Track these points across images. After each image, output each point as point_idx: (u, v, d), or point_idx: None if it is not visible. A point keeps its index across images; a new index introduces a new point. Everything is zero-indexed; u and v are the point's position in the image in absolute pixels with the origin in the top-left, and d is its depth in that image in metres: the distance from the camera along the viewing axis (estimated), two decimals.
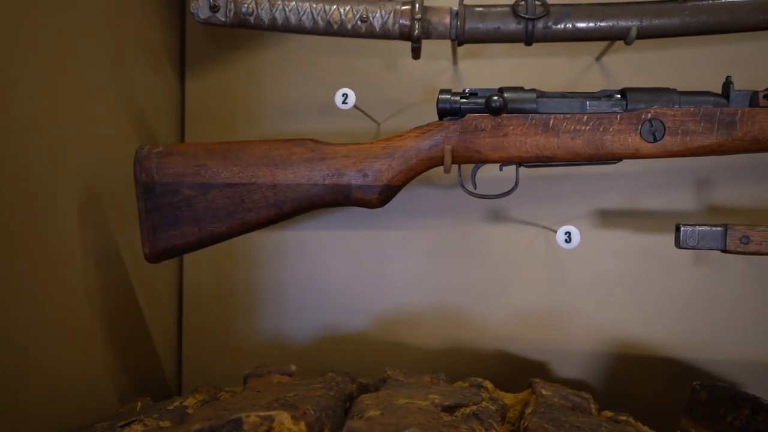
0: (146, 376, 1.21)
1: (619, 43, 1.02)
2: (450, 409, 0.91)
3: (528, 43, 1.03)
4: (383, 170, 0.95)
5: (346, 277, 1.30)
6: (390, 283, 1.30)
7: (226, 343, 1.31)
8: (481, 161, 0.94)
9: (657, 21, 1.00)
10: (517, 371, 1.26)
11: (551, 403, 1.00)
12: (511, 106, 0.93)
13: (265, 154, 0.96)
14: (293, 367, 1.07)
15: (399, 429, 0.72)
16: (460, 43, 1.03)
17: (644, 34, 1.01)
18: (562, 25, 1.01)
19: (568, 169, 1.25)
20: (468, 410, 0.91)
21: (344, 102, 0.96)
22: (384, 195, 0.95)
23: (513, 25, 1.01)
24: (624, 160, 0.95)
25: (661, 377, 1.22)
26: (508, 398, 1.08)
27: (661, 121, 0.91)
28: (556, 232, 1.26)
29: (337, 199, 0.96)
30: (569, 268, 1.25)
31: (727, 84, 0.92)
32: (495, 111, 0.87)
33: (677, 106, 0.91)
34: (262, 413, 0.73)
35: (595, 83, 1.21)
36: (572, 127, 0.92)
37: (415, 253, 1.29)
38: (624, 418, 1.04)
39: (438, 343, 1.29)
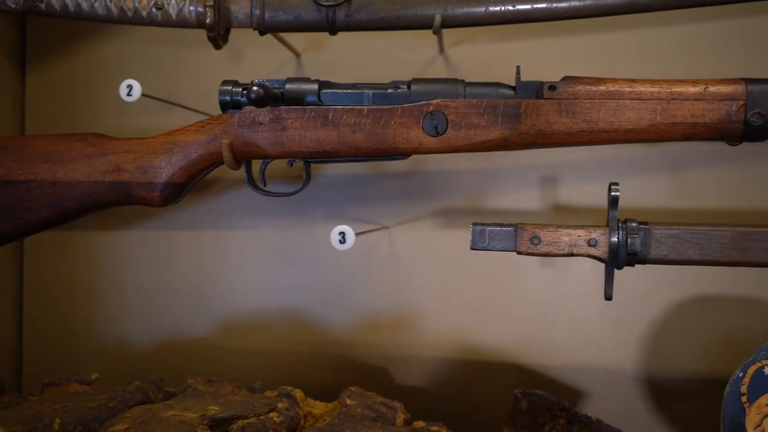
0: None
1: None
2: (224, 422, 0.87)
3: (332, 32, 0.98)
4: (163, 167, 0.90)
5: (189, 279, 1.26)
6: (233, 286, 1.25)
7: (66, 347, 1.27)
8: (262, 157, 0.89)
9: (462, 10, 0.94)
10: (358, 377, 1.21)
11: (352, 414, 0.95)
12: (291, 98, 0.88)
13: (45, 149, 0.92)
14: (93, 376, 1.03)
15: None
16: (262, 33, 0.98)
17: (450, 23, 0.96)
18: (365, 14, 0.95)
19: (413, 166, 1.20)
20: (244, 422, 0.87)
21: (129, 94, 0.91)
22: (166, 193, 0.91)
23: (314, 14, 0.96)
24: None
25: (505, 383, 1.17)
26: (319, 408, 1.03)
27: (444, 114, 0.85)
28: (387, 229, 1.21)
29: (119, 197, 0.91)
30: (414, 270, 1.20)
31: (516, 75, 0.86)
32: (257, 103, 0.82)
33: (461, 98, 0.85)
34: None
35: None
36: (352, 121, 0.86)
37: (259, 254, 1.24)
38: (436, 428, 0.99)
39: (282, 348, 1.24)
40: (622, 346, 1.15)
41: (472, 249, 0.88)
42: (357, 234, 1.11)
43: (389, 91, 0.88)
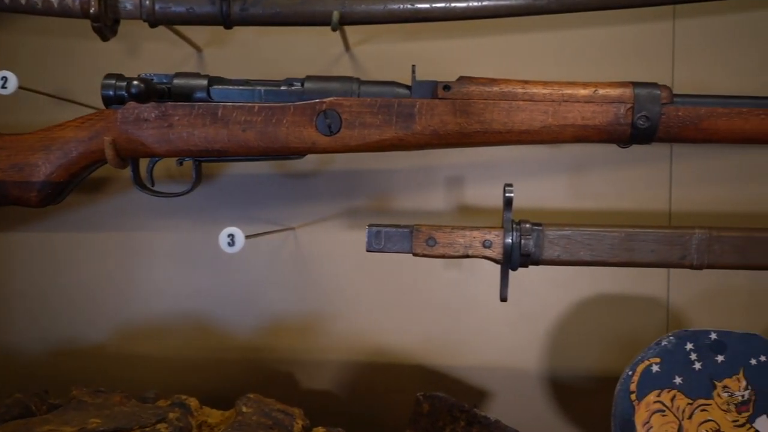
0: None
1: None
2: None
3: (227, 26, 0.94)
4: (40, 165, 0.84)
5: (83, 284, 1.19)
6: (131, 290, 1.19)
7: None
8: (148, 155, 0.85)
9: (361, 7, 0.92)
10: (262, 383, 1.18)
11: (247, 422, 0.92)
12: (179, 94, 0.84)
13: None
14: None
15: None
16: (153, 25, 0.93)
17: (349, 20, 0.93)
18: (261, 9, 0.92)
19: (320, 166, 1.17)
20: None
21: (3, 86, 0.84)
22: (44, 193, 0.84)
23: (207, 7, 0.92)
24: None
25: (411, 385, 1.15)
26: (215, 416, 0.99)
27: (338, 113, 0.83)
28: (294, 230, 1.18)
29: None
30: (319, 272, 1.17)
31: (412, 74, 0.84)
32: (137, 98, 0.78)
33: (356, 97, 0.83)
34: None
35: None
36: (243, 118, 0.83)
37: (158, 257, 1.18)
38: None
39: (182, 355, 1.19)
40: (526, 346, 1.16)
41: (368, 251, 0.86)
42: (259, 235, 1.08)
43: (282, 88, 0.85)
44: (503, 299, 0.86)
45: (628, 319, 1.15)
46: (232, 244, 0.81)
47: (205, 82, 0.84)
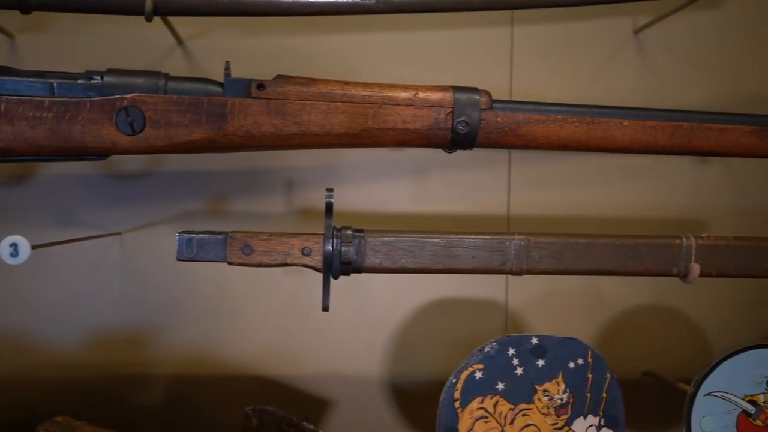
0: None
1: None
2: None
3: (24, 10, 0.85)
4: None
5: None
6: None
7: None
8: None
9: None
10: (86, 402, 1.08)
11: None
12: None
13: None
14: None
15: None
16: None
17: (165, 10, 0.86)
18: None
19: (150, 166, 1.09)
20: None
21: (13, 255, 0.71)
22: None
23: None
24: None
25: (249, 397, 1.10)
26: None
27: (141, 110, 0.76)
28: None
29: None
30: (149, 281, 1.09)
31: (225, 71, 0.78)
32: None
33: (162, 94, 0.76)
34: None
35: None
36: (31, 114, 0.74)
37: None
38: None
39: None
40: (368, 352, 1.14)
41: (179, 260, 0.80)
42: (77, 240, 0.99)
43: (80, 81, 0.77)
44: (325, 309, 0.82)
45: (468, 323, 1.15)
46: (15, 254, 0.72)
47: None
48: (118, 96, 0.77)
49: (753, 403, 0.93)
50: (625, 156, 0.87)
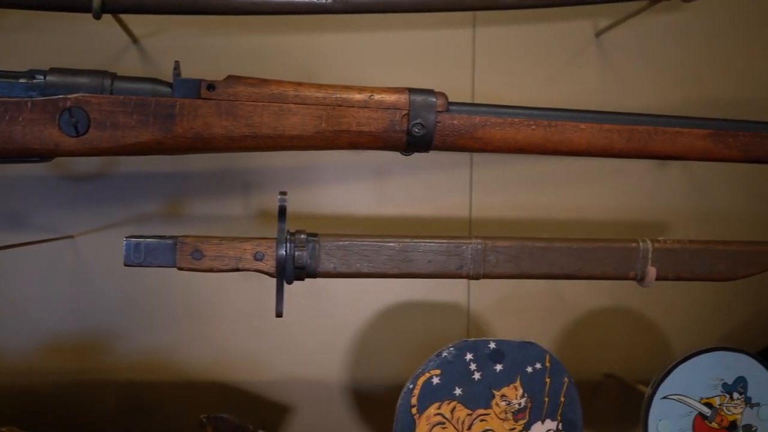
0: None
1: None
2: None
3: None
4: None
5: None
6: None
7: None
8: None
9: None
10: (35, 411, 1.05)
11: None
12: None
13: None
14: None
15: None
16: None
17: (115, 8, 0.84)
18: None
19: (104, 168, 1.06)
20: None
21: None
22: None
23: None
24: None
25: (207, 405, 1.07)
26: None
27: (85, 111, 0.73)
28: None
29: None
30: (103, 285, 1.06)
31: (174, 71, 0.76)
32: None
33: (107, 94, 0.74)
34: None
35: None
36: None
37: None
38: None
39: None
40: (329, 357, 1.12)
41: (126, 265, 0.77)
42: (33, 243, 0.96)
43: (21, 81, 0.74)
44: (279, 315, 0.81)
45: (430, 327, 1.14)
46: None
47: None
48: (61, 96, 0.74)
49: (709, 405, 0.93)
50: (587, 158, 0.86)
